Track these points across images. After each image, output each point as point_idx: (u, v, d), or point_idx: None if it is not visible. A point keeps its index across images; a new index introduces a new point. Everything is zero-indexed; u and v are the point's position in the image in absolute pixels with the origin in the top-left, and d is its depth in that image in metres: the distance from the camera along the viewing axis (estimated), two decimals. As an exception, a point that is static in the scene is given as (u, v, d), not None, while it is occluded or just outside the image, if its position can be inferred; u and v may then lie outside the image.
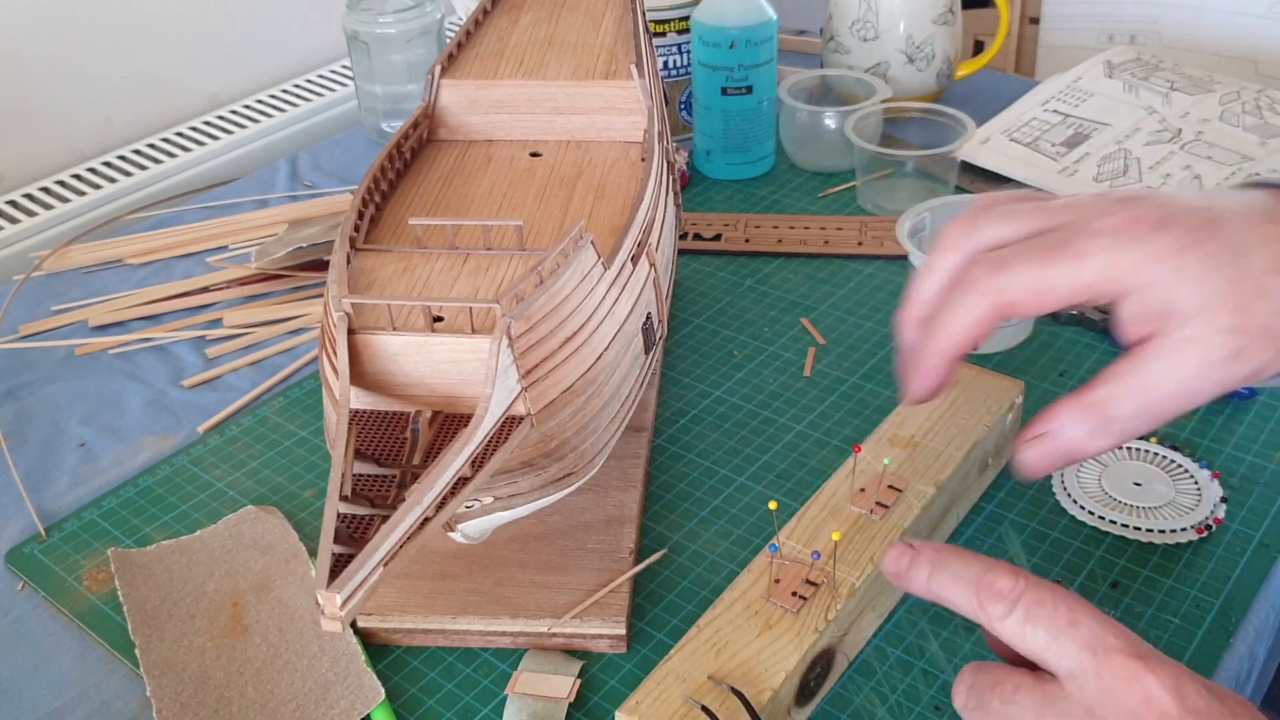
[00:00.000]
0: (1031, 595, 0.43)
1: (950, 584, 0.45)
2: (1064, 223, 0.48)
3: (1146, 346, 0.46)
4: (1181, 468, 0.62)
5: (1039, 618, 0.42)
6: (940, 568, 0.46)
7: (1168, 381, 0.46)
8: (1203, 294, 0.45)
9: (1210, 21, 1.22)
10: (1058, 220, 0.48)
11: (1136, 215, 0.46)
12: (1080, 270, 0.46)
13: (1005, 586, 0.43)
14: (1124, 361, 0.47)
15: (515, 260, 0.55)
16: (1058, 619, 0.42)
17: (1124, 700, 0.40)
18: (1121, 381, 0.46)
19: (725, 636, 0.50)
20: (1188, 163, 0.90)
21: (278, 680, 0.55)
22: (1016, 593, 0.43)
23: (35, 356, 0.81)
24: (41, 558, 0.64)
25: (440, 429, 0.49)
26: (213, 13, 1.15)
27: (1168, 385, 0.46)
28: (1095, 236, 0.46)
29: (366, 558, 0.40)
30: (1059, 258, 0.46)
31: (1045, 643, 0.42)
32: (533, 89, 0.68)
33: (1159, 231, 0.46)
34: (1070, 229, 0.47)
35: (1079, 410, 0.47)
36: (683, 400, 0.72)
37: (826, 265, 0.84)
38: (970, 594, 0.44)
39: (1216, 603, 0.56)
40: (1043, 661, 0.42)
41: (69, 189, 1.02)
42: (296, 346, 0.80)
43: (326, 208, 0.95)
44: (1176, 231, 0.46)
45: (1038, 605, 0.43)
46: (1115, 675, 0.41)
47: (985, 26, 1.27)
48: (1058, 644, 0.42)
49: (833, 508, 0.56)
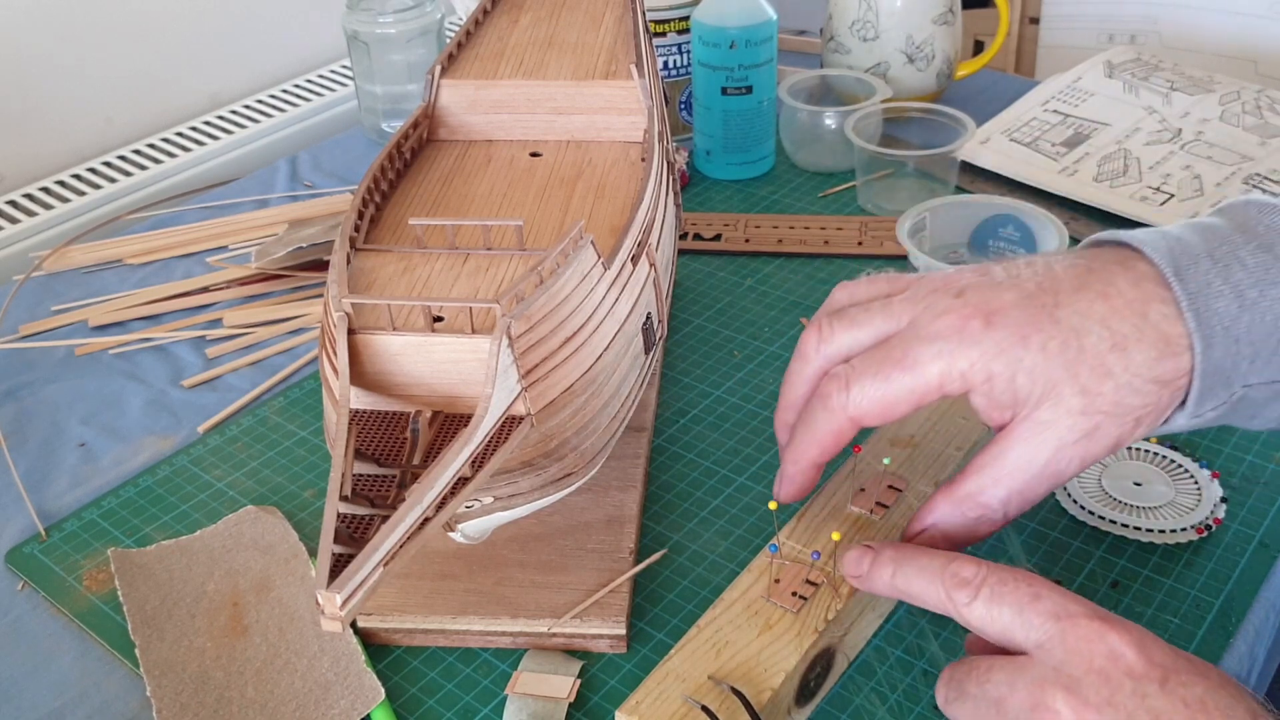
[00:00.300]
0: (994, 578, 0.44)
1: (915, 578, 0.47)
2: (905, 325, 0.49)
3: (1006, 432, 0.48)
4: (1181, 468, 0.62)
5: (1003, 597, 0.44)
6: (904, 564, 0.47)
7: (1030, 466, 0.47)
8: (1045, 381, 0.46)
9: (1210, 21, 1.22)
10: (899, 322, 0.50)
11: (967, 314, 0.47)
12: (918, 380, 0.48)
13: (969, 573, 0.45)
14: (988, 450, 0.49)
15: (515, 260, 0.55)
16: (1020, 596, 0.44)
17: (1090, 658, 0.41)
18: (987, 471, 0.48)
19: (725, 636, 0.50)
20: (1188, 163, 0.90)
21: (278, 680, 0.55)
22: (980, 578, 0.45)
23: (35, 356, 0.81)
24: (41, 558, 0.64)
25: (440, 429, 0.49)
26: (213, 13, 1.15)
27: (1031, 470, 0.47)
28: (930, 342, 0.48)
29: (366, 558, 0.40)
30: (896, 371, 0.48)
31: (1011, 619, 0.44)
32: (533, 89, 0.68)
33: (989, 328, 0.47)
34: (909, 333, 0.49)
35: (952, 504, 0.49)
36: (683, 400, 0.72)
37: (826, 265, 0.84)
38: (936, 585, 0.45)
39: (1216, 603, 0.56)
40: (1012, 640, 0.44)
41: (69, 189, 1.02)
42: (296, 346, 0.80)
43: (326, 208, 0.95)
44: (1007, 326, 0.47)
45: (1000, 585, 0.44)
46: (1080, 636, 0.42)
47: (985, 26, 1.27)
48: (1023, 618, 0.43)
49: (833, 508, 0.56)
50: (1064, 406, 0.46)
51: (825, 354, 0.51)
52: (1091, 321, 0.46)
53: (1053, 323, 0.47)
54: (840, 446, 0.51)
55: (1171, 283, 0.46)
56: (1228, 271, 0.47)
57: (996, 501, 0.48)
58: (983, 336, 0.47)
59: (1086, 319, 0.47)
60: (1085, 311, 0.47)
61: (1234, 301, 0.46)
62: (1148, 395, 0.46)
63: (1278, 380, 0.47)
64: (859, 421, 0.49)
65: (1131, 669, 0.41)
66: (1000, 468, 0.48)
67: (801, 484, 0.53)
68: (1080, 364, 0.46)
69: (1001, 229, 0.76)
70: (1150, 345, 0.46)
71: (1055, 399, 0.46)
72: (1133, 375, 0.46)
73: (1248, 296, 0.46)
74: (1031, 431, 0.47)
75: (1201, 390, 0.46)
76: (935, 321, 0.48)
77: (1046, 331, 0.46)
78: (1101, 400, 0.46)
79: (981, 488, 0.48)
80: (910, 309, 0.49)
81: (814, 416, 0.51)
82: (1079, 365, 0.46)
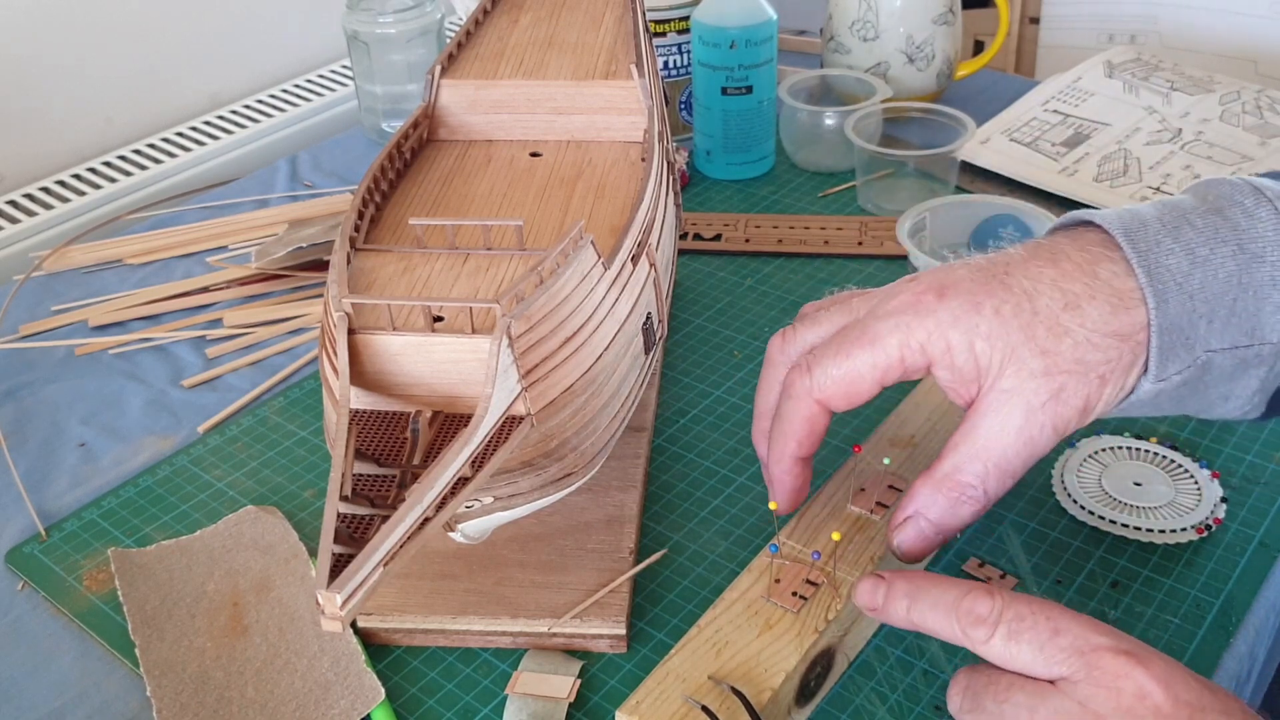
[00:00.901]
0: (1011, 613, 0.43)
1: (930, 613, 0.46)
2: (862, 315, 0.50)
3: (975, 407, 0.48)
4: (1181, 468, 0.62)
5: (1022, 634, 0.43)
6: (917, 597, 0.46)
7: (1003, 436, 0.47)
8: (1003, 345, 0.47)
9: (1210, 21, 1.22)
10: (856, 313, 0.51)
11: (920, 290, 0.48)
12: (877, 353, 0.48)
13: (984, 610, 0.44)
14: (960, 428, 0.49)
15: (515, 260, 0.55)
16: (1040, 632, 0.43)
17: (1117, 696, 0.41)
18: (961, 449, 0.48)
19: (725, 636, 0.50)
20: (1188, 163, 0.90)
21: (278, 680, 0.55)
22: (996, 614, 0.43)
23: (35, 356, 0.81)
24: (41, 558, 0.64)
25: (440, 429, 0.49)
26: (213, 13, 1.15)
27: (1004, 440, 0.47)
28: (887, 318, 0.49)
29: (366, 558, 0.40)
30: (855, 348, 0.49)
31: (1031, 656, 0.43)
32: (533, 89, 0.68)
33: (943, 299, 0.48)
34: (867, 317, 0.50)
35: (931, 487, 0.49)
36: (683, 400, 0.72)
37: (826, 265, 0.84)
38: (951, 621, 0.45)
39: (1216, 603, 0.56)
40: (1033, 673, 0.43)
41: (69, 189, 1.02)
42: (296, 346, 0.80)
43: (326, 208, 0.95)
44: (960, 296, 0.48)
45: (1018, 622, 0.43)
46: (1105, 672, 0.41)
47: (985, 26, 1.27)
48: (1044, 655, 0.42)
49: (833, 507, 0.56)
50: (1026, 369, 0.46)
51: (789, 354, 0.53)
52: (1042, 284, 0.47)
53: (1004, 288, 0.47)
54: (814, 435, 0.51)
55: (1121, 243, 0.47)
56: (1177, 232, 0.47)
57: (975, 478, 0.48)
58: (937, 307, 0.48)
59: (1037, 282, 0.47)
60: (1035, 275, 0.48)
61: (1185, 259, 0.47)
62: (1108, 350, 0.46)
63: (1240, 345, 0.48)
64: (826, 404, 0.50)
65: (1159, 708, 0.40)
66: (973, 442, 0.48)
67: (791, 485, 0.53)
68: (1035, 325, 0.47)
69: (1001, 229, 0.76)
70: (1104, 300, 0.47)
71: (1016, 363, 0.47)
72: (1090, 331, 0.46)
73: (1198, 254, 0.47)
74: (999, 401, 0.47)
75: (1161, 348, 0.47)
76: (890, 302, 0.49)
77: (999, 296, 0.47)
78: (1061, 359, 0.46)
79: (958, 466, 0.48)
80: (867, 302, 0.51)
81: (783, 409, 0.51)
82: (1034, 326, 0.47)
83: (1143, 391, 0.48)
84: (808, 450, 0.52)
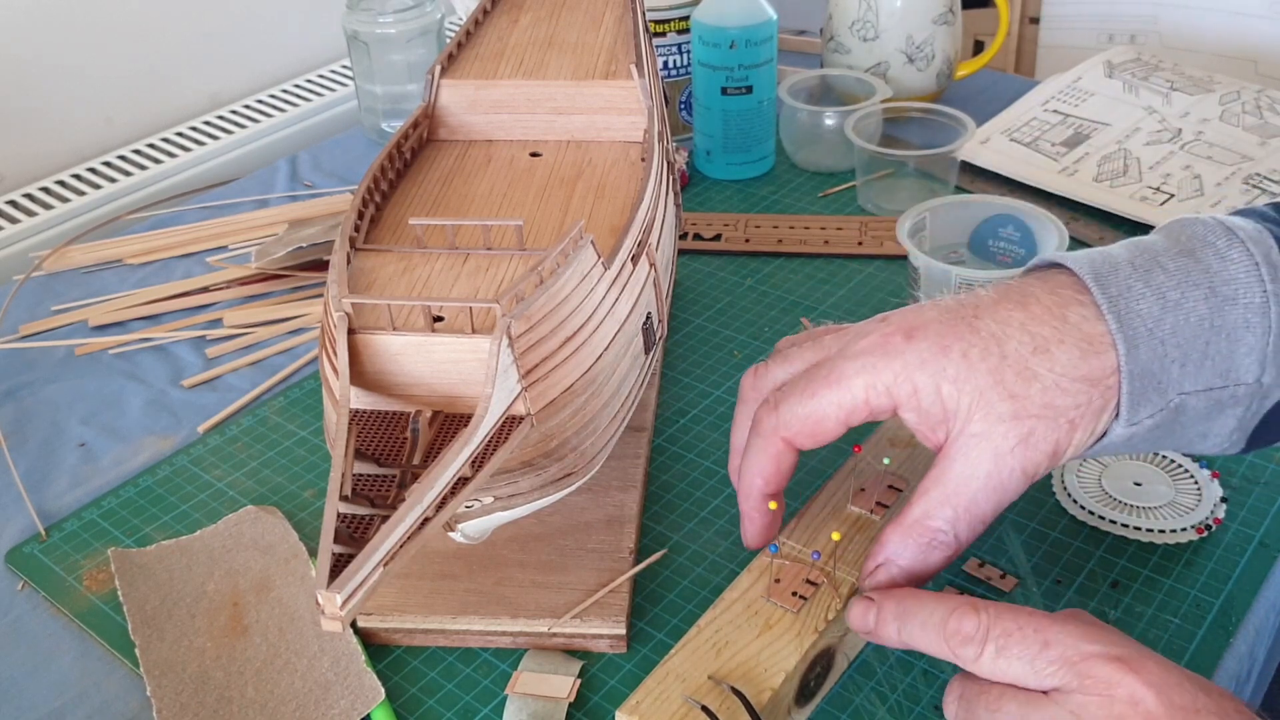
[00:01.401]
0: (998, 629, 0.43)
1: (919, 635, 0.46)
2: (832, 353, 0.50)
3: (944, 453, 0.48)
4: (1181, 468, 0.62)
5: (1010, 649, 0.43)
6: (906, 619, 0.46)
7: (971, 482, 0.47)
8: (971, 389, 0.46)
9: (1210, 21, 1.22)
10: (827, 351, 0.51)
11: (888, 331, 0.48)
12: (843, 394, 0.48)
13: (970, 629, 0.44)
14: (929, 475, 0.48)
15: (515, 260, 0.55)
16: (1029, 646, 0.43)
17: (1109, 705, 0.41)
18: (931, 494, 0.48)
19: (725, 636, 0.50)
20: (1188, 163, 0.90)
21: (278, 680, 0.55)
22: (983, 631, 0.43)
23: (35, 356, 0.81)
24: (41, 558, 0.64)
25: (440, 429, 0.49)
26: (213, 13, 1.15)
27: (973, 485, 0.47)
28: (854, 359, 0.48)
29: (366, 558, 0.40)
30: (821, 387, 0.49)
31: (1022, 670, 0.43)
32: (533, 89, 0.68)
33: (910, 341, 0.48)
34: (836, 356, 0.49)
35: (901, 534, 0.49)
36: (683, 400, 0.72)
37: (826, 265, 0.84)
38: (940, 642, 0.45)
39: (1216, 603, 0.56)
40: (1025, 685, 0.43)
41: (69, 189, 1.02)
42: (296, 346, 0.80)
43: (326, 208, 0.95)
44: (928, 338, 0.47)
45: (1006, 637, 0.43)
46: (1097, 680, 0.41)
47: (985, 26, 1.27)
48: (1035, 669, 0.42)
49: (833, 507, 0.56)
50: (994, 414, 0.46)
51: (760, 389, 0.53)
52: (1011, 328, 0.47)
53: (972, 332, 0.47)
54: (781, 474, 0.51)
55: (1091, 287, 0.47)
56: (1148, 275, 0.47)
57: (944, 523, 0.48)
58: (904, 349, 0.47)
59: (1006, 326, 0.47)
60: (1004, 319, 0.47)
61: (1155, 303, 0.46)
62: (1077, 395, 0.46)
63: (1214, 387, 0.47)
64: (791, 442, 0.50)
65: (1151, 714, 0.40)
66: (942, 488, 0.47)
67: (760, 522, 0.53)
68: (1004, 369, 0.46)
69: (1001, 229, 0.76)
70: (1073, 345, 0.46)
71: (984, 408, 0.46)
72: (1059, 375, 0.46)
73: (1169, 298, 0.46)
74: (967, 446, 0.47)
75: (1132, 393, 0.46)
76: (859, 342, 0.49)
77: (967, 340, 0.47)
78: (1030, 403, 0.46)
79: (927, 512, 0.48)
80: (839, 340, 0.51)
81: (751, 445, 0.51)
82: (1002, 370, 0.46)
83: (1115, 435, 0.47)
84: (775, 487, 0.52)
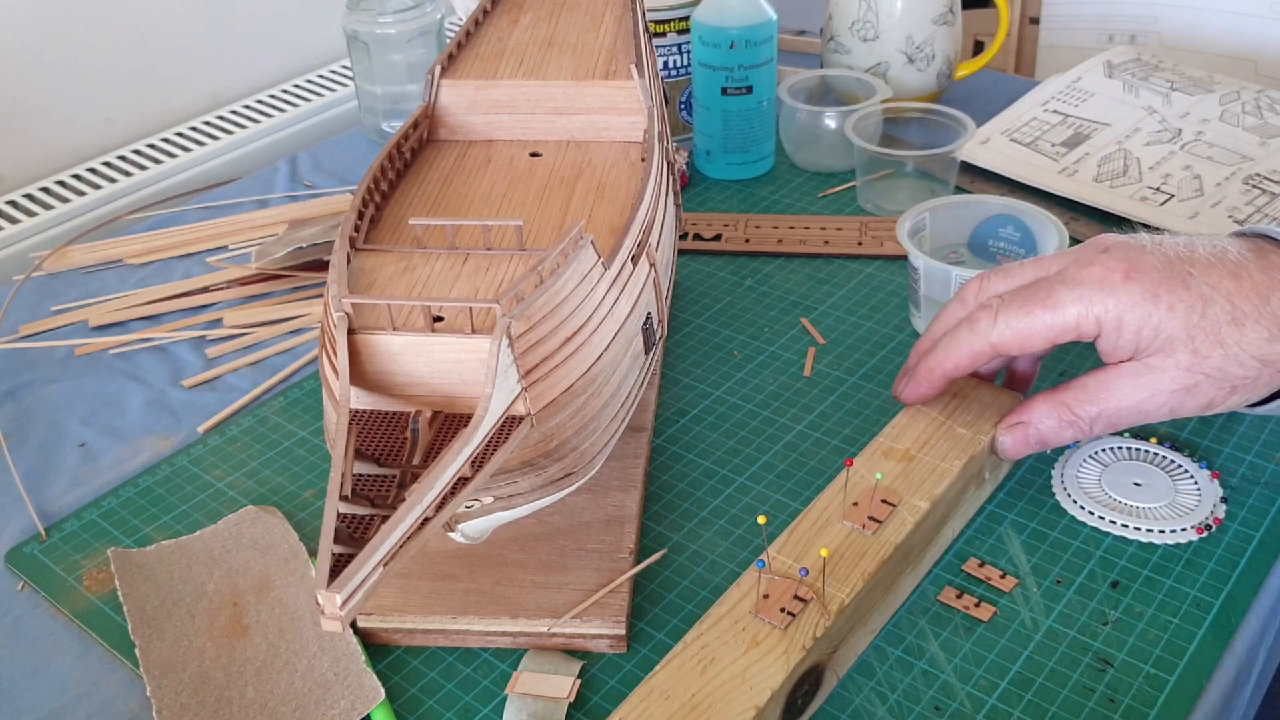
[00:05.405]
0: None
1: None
2: (1057, 271, 0.56)
3: (1117, 366, 0.55)
4: (1181, 468, 0.62)
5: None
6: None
7: (1126, 398, 0.55)
8: (1166, 337, 0.53)
9: (1210, 21, 1.22)
10: (1047, 271, 0.57)
11: (1110, 267, 0.55)
12: (1056, 317, 0.55)
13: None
14: (1096, 373, 0.56)
15: (515, 260, 0.55)
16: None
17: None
18: (1088, 390, 0.56)
19: (711, 653, 0.49)
20: (1188, 163, 0.90)
21: (278, 680, 0.55)
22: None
23: (35, 356, 0.81)
24: (41, 558, 0.64)
25: (440, 429, 0.49)
26: (213, 13, 1.15)
27: (1125, 401, 0.55)
28: (1073, 287, 0.55)
29: (366, 558, 0.40)
30: (1039, 308, 0.55)
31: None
32: (533, 89, 0.68)
33: (1128, 282, 0.54)
34: (1055, 279, 0.56)
35: (1050, 405, 0.57)
36: (683, 400, 0.72)
37: (826, 265, 0.84)
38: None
39: (1216, 603, 0.56)
40: None
41: (69, 189, 1.02)
42: (296, 346, 0.80)
43: (326, 208, 0.95)
44: (1144, 282, 0.54)
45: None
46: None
47: (985, 26, 1.27)
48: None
49: (824, 522, 0.55)
50: (1173, 360, 0.53)
51: (982, 295, 0.59)
52: (1219, 294, 0.53)
53: (1184, 288, 0.53)
54: (973, 368, 0.58)
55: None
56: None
57: (1088, 416, 0.56)
58: (1120, 288, 0.53)
59: (1215, 291, 0.53)
60: (1215, 284, 0.53)
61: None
62: (1250, 369, 0.53)
63: None
64: (998, 348, 0.56)
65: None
66: (1100, 390, 0.55)
67: (929, 389, 0.59)
68: (1200, 329, 0.53)
69: (1001, 229, 0.76)
70: (1264, 326, 0.52)
71: (1169, 352, 0.53)
72: (1241, 349, 0.53)
73: None
74: (1139, 371, 0.54)
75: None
76: (1081, 271, 0.55)
77: (1177, 294, 0.53)
78: (1207, 363, 0.53)
79: (1079, 400, 0.56)
80: (1061, 261, 0.57)
81: (960, 335, 0.58)
82: (1198, 330, 0.53)
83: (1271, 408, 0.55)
84: (959, 374, 0.59)
